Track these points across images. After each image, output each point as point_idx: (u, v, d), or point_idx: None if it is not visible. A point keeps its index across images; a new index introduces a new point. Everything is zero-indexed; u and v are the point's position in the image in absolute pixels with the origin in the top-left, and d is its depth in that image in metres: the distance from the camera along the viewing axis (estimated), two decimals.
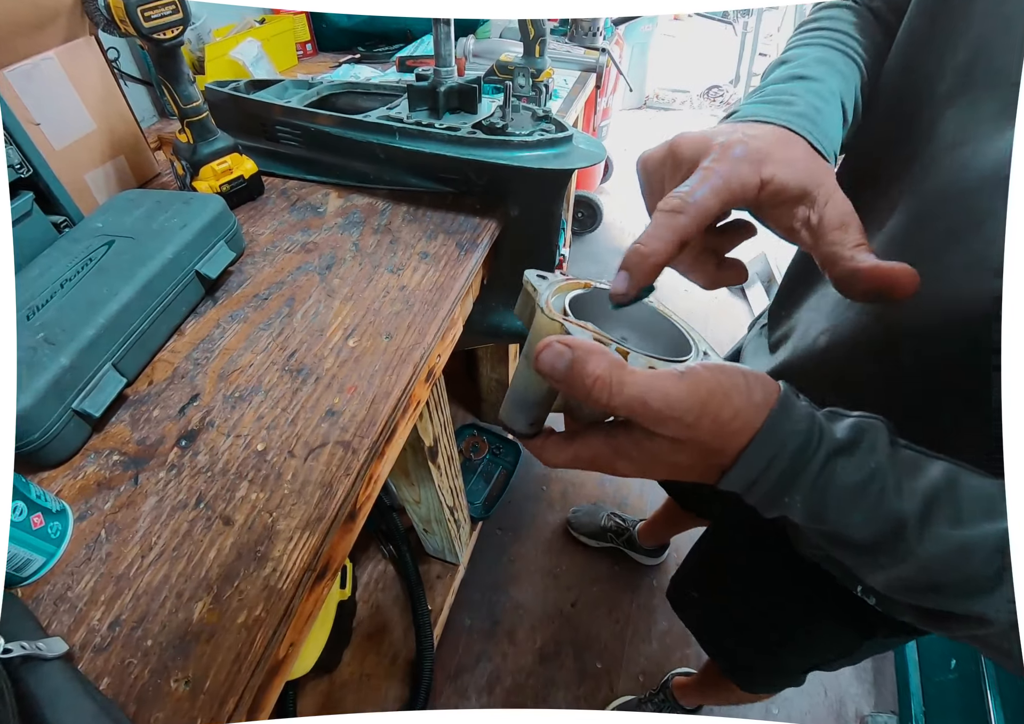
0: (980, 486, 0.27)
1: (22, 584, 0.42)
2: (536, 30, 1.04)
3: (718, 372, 0.28)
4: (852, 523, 0.28)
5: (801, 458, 0.27)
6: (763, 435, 0.27)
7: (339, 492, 0.45)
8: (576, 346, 0.27)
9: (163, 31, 0.62)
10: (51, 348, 0.48)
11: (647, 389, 0.26)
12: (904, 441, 0.29)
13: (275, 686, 0.44)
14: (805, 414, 0.28)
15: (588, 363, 0.26)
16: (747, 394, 0.28)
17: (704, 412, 0.27)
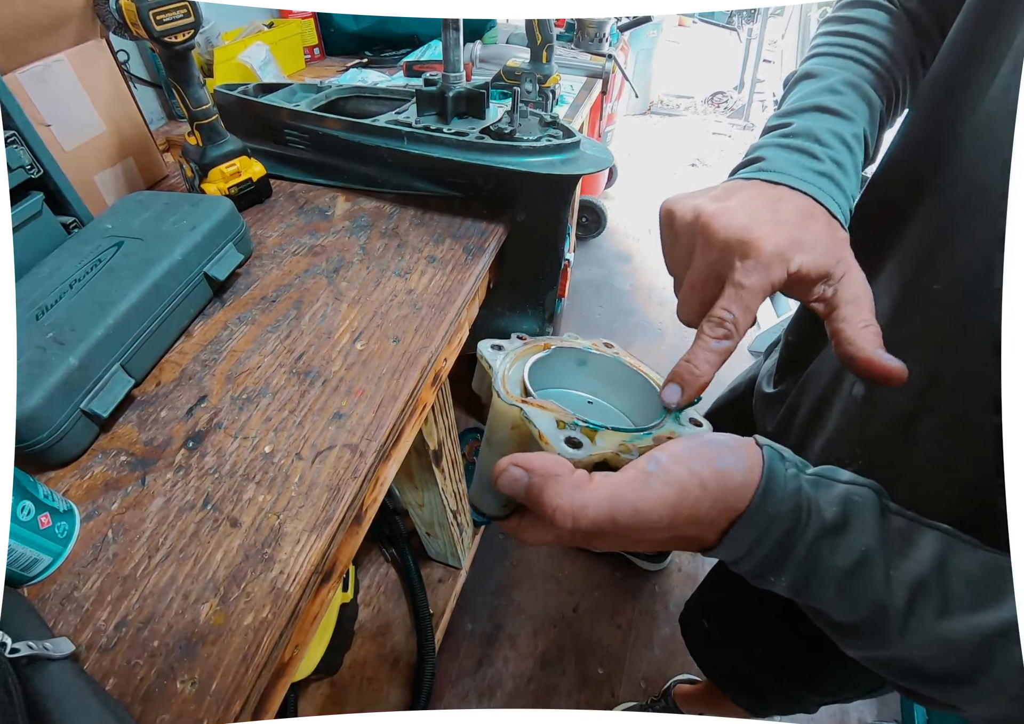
0: (970, 568, 0.26)
1: (29, 583, 0.42)
2: (543, 36, 1.04)
3: (689, 459, 0.27)
4: (835, 605, 0.27)
5: (787, 542, 0.26)
6: (744, 522, 0.26)
7: (346, 495, 0.45)
8: (532, 470, 0.26)
9: (175, 34, 0.63)
10: (60, 348, 0.48)
11: (613, 507, 0.25)
12: (895, 507, 0.28)
13: (280, 688, 0.44)
14: (791, 491, 0.27)
15: (545, 491, 0.26)
16: (725, 478, 0.27)
17: (678, 513, 0.26)
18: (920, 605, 0.26)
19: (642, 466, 0.27)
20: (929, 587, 0.26)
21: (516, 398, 0.30)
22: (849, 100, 0.41)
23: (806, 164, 0.37)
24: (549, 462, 0.27)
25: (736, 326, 0.31)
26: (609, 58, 1.40)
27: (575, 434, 0.29)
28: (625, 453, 0.29)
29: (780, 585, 0.28)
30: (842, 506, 0.27)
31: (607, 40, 1.49)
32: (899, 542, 0.27)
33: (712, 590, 0.84)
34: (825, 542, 0.26)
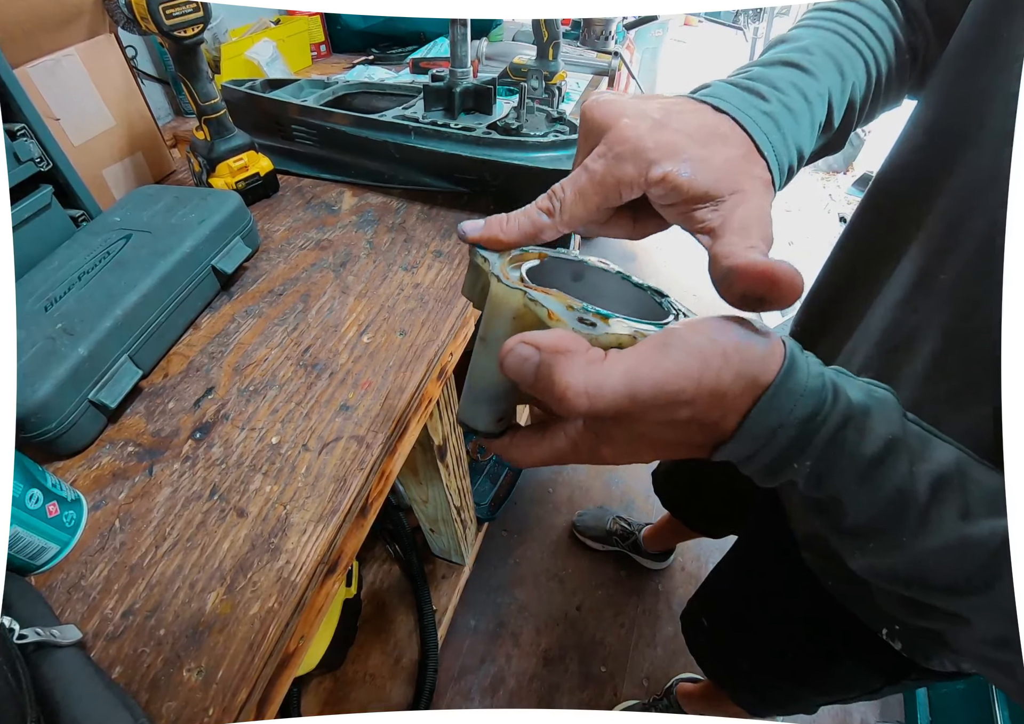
0: (988, 479, 0.25)
1: (37, 572, 0.42)
2: (549, 33, 1.04)
3: (709, 330, 0.24)
4: (855, 498, 0.25)
5: (813, 421, 0.24)
6: (767, 400, 0.24)
7: (353, 486, 0.46)
8: (543, 346, 0.23)
9: (184, 29, 0.63)
10: (69, 338, 0.48)
11: (632, 382, 0.23)
12: (912, 416, 0.26)
13: (285, 679, 0.44)
14: (815, 372, 0.24)
15: (556, 368, 0.23)
16: (747, 348, 0.24)
17: (701, 385, 0.23)
18: (942, 500, 0.24)
19: (659, 339, 0.24)
20: (951, 484, 0.24)
21: (518, 283, 0.27)
22: (819, 61, 0.37)
23: (751, 101, 0.33)
24: (561, 338, 0.23)
25: (561, 206, 0.29)
26: (615, 56, 1.40)
27: (587, 316, 0.26)
28: (640, 338, 0.25)
29: (801, 472, 0.25)
30: (866, 395, 0.25)
31: (613, 38, 1.49)
32: (919, 440, 0.25)
33: (714, 589, 0.84)
34: (852, 425, 0.24)
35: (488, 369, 0.28)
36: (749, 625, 0.73)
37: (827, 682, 0.65)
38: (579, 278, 0.34)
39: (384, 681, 1.15)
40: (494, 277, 0.27)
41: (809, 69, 0.36)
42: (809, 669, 0.65)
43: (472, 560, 1.35)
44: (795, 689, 0.70)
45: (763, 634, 0.69)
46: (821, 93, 0.36)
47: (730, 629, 0.78)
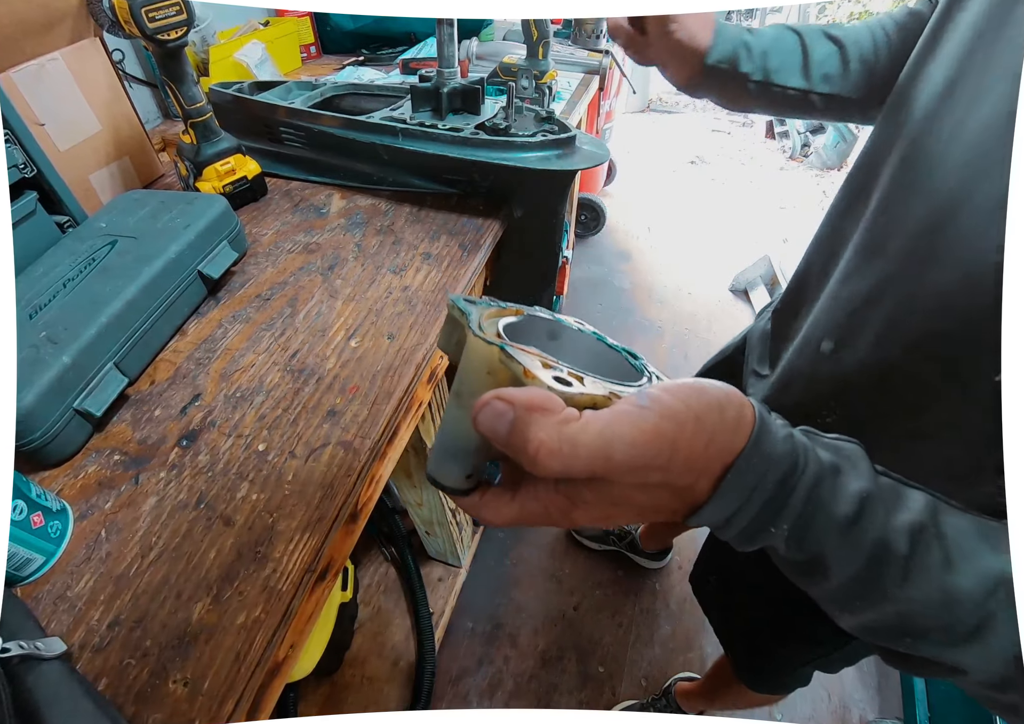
0: (962, 524, 0.26)
1: (22, 583, 0.41)
2: (539, 32, 1.04)
3: (684, 394, 0.24)
4: (836, 556, 0.25)
5: (787, 484, 0.24)
6: (742, 463, 0.24)
7: (340, 493, 0.45)
8: (518, 402, 0.23)
9: (167, 32, 0.63)
10: (54, 347, 0.48)
11: (607, 442, 0.22)
12: (881, 468, 0.27)
13: (275, 687, 0.44)
14: (784, 435, 0.25)
15: (531, 426, 0.22)
16: (719, 413, 0.24)
17: (676, 448, 0.23)
18: (921, 550, 0.25)
19: (633, 401, 0.24)
20: (927, 533, 0.25)
21: (495, 338, 0.26)
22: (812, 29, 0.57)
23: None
24: (537, 396, 0.23)
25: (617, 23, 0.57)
26: (606, 54, 1.40)
27: (563, 375, 0.25)
28: (616, 400, 0.25)
29: (779, 536, 0.25)
30: (835, 452, 0.26)
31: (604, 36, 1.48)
32: (891, 493, 0.26)
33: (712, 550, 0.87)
34: (825, 484, 0.25)
35: (460, 423, 0.27)
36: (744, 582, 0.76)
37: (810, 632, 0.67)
38: (555, 337, 0.34)
39: (381, 684, 1.15)
40: (471, 331, 0.27)
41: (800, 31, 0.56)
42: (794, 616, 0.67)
43: (469, 561, 1.35)
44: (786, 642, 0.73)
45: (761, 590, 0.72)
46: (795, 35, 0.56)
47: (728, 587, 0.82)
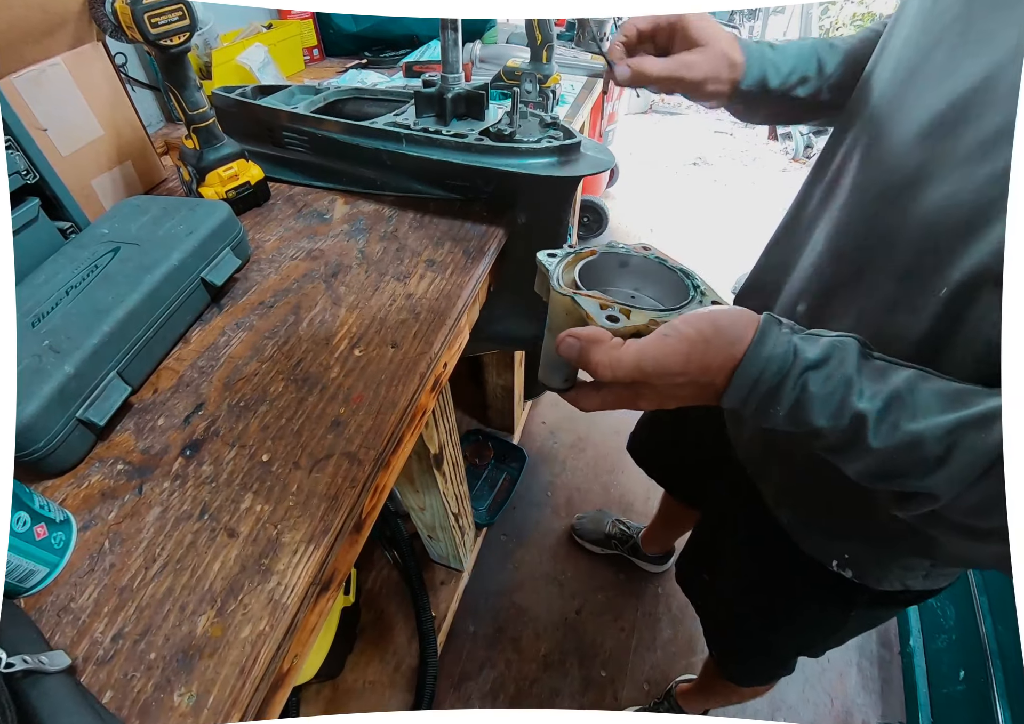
0: (940, 387, 0.33)
1: (25, 595, 0.41)
2: (543, 35, 1.04)
3: (697, 323, 0.34)
4: (823, 426, 0.33)
5: (780, 376, 0.33)
6: (743, 364, 0.33)
7: (344, 504, 0.45)
8: (583, 338, 0.35)
9: (170, 37, 0.62)
10: (56, 356, 0.48)
11: (640, 359, 0.34)
12: (878, 354, 0.35)
13: (279, 698, 0.44)
14: (783, 340, 0.34)
15: (590, 352, 0.35)
16: (724, 333, 0.34)
17: (689, 361, 0.34)
18: (892, 412, 0.32)
19: (661, 331, 0.35)
20: (902, 399, 0.32)
21: (568, 289, 0.38)
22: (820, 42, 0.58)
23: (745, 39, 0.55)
24: (593, 331, 0.35)
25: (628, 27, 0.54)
26: None
27: (614, 312, 0.37)
28: (653, 326, 0.36)
29: (780, 415, 0.34)
30: (825, 349, 0.34)
31: (608, 39, 1.48)
32: (876, 373, 0.34)
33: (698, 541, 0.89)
34: (810, 374, 0.33)
35: (553, 348, 0.38)
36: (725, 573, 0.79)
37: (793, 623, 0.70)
38: (625, 264, 0.44)
39: (383, 688, 1.15)
40: (552, 287, 0.39)
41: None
42: (777, 610, 0.70)
43: (471, 565, 1.35)
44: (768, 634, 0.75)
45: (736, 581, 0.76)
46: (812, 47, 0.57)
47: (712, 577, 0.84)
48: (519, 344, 0.93)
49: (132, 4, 0.59)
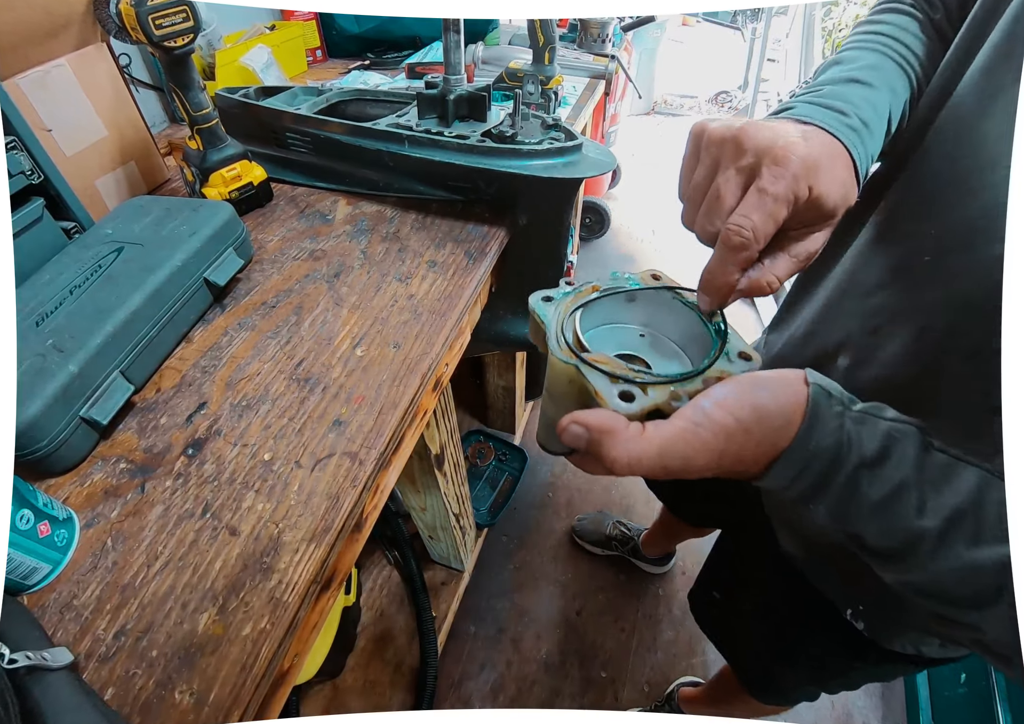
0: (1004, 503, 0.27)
1: (28, 592, 0.42)
2: (545, 37, 1.04)
3: (735, 409, 0.28)
4: (871, 532, 0.28)
5: (827, 475, 0.28)
6: (785, 459, 0.28)
7: (345, 503, 0.45)
8: (590, 427, 0.28)
9: (174, 39, 0.63)
10: (60, 355, 0.48)
11: (664, 458, 0.27)
12: (939, 444, 0.29)
13: (280, 697, 0.44)
14: (833, 428, 0.28)
15: (603, 445, 0.28)
16: (767, 422, 0.28)
17: (724, 456, 0.28)
18: (953, 534, 0.27)
19: (688, 415, 0.28)
20: (965, 517, 0.27)
21: (571, 353, 0.32)
22: (877, 78, 0.42)
23: (835, 116, 0.37)
24: (605, 419, 0.28)
25: (755, 233, 0.31)
26: (612, 59, 1.39)
27: (629, 389, 0.30)
28: (676, 400, 0.30)
29: (819, 513, 0.29)
30: (883, 441, 0.28)
31: (610, 41, 1.48)
32: (939, 475, 0.28)
33: (713, 569, 0.87)
34: (863, 474, 0.27)
35: (556, 413, 0.33)
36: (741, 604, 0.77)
37: (805, 661, 0.68)
38: (633, 300, 0.38)
39: (384, 688, 1.15)
40: (551, 349, 0.32)
41: (871, 83, 0.41)
42: (790, 646, 0.68)
43: (472, 566, 1.35)
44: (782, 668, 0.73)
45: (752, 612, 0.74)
46: (884, 102, 0.41)
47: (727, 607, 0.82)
48: (520, 345, 0.93)
49: (136, 5, 0.59)
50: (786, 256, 0.34)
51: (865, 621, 0.54)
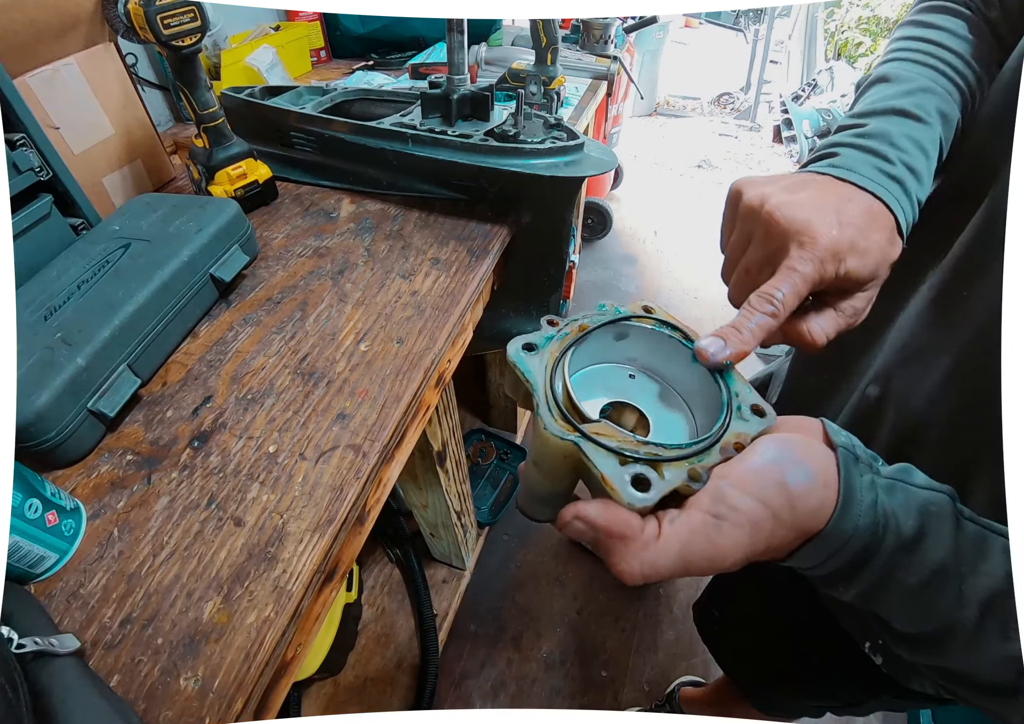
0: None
1: (35, 580, 0.42)
2: (548, 38, 1.04)
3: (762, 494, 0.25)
4: (902, 618, 0.27)
5: (862, 558, 0.25)
6: (819, 542, 0.25)
7: (349, 495, 0.46)
8: (598, 528, 0.25)
9: (182, 38, 0.63)
10: (68, 348, 0.49)
11: (685, 561, 0.24)
12: (968, 512, 0.27)
13: (282, 687, 0.44)
14: (868, 506, 0.25)
15: (613, 553, 0.25)
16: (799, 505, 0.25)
17: (753, 548, 0.25)
18: (989, 621, 0.25)
19: (708, 507, 0.25)
20: (1000, 603, 0.25)
21: (567, 425, 0.27)
22: (926, 105, 0.40)
23: (878, 165, 0.36)
24: (617, 521, 0.25)
25: (783, 304, 0.31)
26: (614, 60, 1.40)
27: (642, 472, 0.25)
28: (695, 482, 0.26)
29: (848, 595, 0.27)
30: (919, 518, 0.26)
31: (612, 42, 1.49)
32: (973, 553, 0.26)
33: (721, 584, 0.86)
34: (901, 558, 0.25)
35: (542, 484, 0.30)
36: (752, 623, 0.75)
37: (817, 686, 0.66)
38: (623, 337, 0.34)
39: (384, 686, 1.15)
40: (542, 420, 0.27)
41: (920, 117, 0.39)
42: (801, 671, 0.66)
43: (473, 564, 1.36)
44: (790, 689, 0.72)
45: (763, 634, 0.71)
46: (934, 140, 0.39)
47: (736, 625, 0.80)
48: None
49: (145, 5, 0.60)
50: (832, 311, 0.34)
51: (884, 656, 0.50)
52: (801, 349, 0.34)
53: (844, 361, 0.51)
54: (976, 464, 0.37)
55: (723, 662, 0.88)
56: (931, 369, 0.40)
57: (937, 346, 0.40)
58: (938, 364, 0.39)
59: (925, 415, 0.40)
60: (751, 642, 0.76)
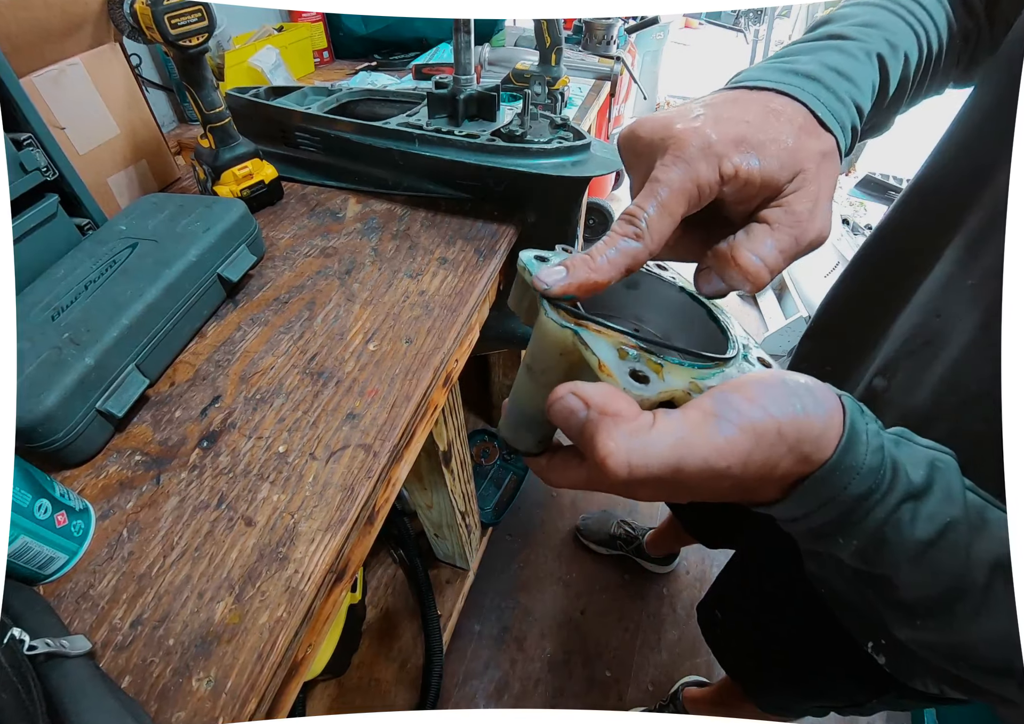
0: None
1: (45, 581, 0.42)
2: (552, 38, 1.04)
3: (766, 401, 0.22)
4: (906, 579, 0.24)
5: (866, 502, 0.23)
6: (822, 476, 0.23)
7: (360, 494, 0.46)
8: (592, 403, 0.22)
9: (189, 38, 0.63)
10: (76, 348, 0.48)
11: (679, 457, 0.21)
12: (969, 482, 0.25)
13: (293, 687, 0.44)
14: (875, 447, 0.23)
15: (600, 431, 0.21)
16: (804, 427, 0.23)
17: (752, 460, 0.22)
18: (998, 585, 0.23)
19: (709, 407, 0.22)
20: (1006, 572, 0.23)
21: (569, 318, 0.25)
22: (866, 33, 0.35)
23: (786, 68, 0.32)
24: (612, 397, 0.22)
25: (649, 225, 0.26)
26: (617, 60, 1.40)
27: (640, 366, 0.24)
28: (695, 392, 0.24)
29: (846, 548, 0.24)
30: (928, 471, 0.24)
31: (615, 42, 1.49)
32: (977, 518, 0.24)
33: (725, 585, 0.85)
34: (907, 506, 0.23)
35: (532, 396, 0.27)
36: (754, 624, 0.74)
37: (819, 687, 0.66)
38: (634, 286, 0.32)
39: (388, 686, 1.15)
40: (543, 309, 0.25)
41: (849, 35, 0.35)
42: (804, 672, 0.66)
43: (476, 565, 1.35)
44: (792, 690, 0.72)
45: (765, 635, 0.71)
46: (868, 52, 0.35)
47: (738, 626, 0.80)
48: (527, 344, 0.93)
49: (153, 5, 0.60)
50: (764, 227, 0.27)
51: (887, 656, 0.49)
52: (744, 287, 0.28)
53: (848, 354, 0.50)
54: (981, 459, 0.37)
55: (726, 663, 0.87)
56: (938, 360, 0.38)
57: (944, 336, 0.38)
58: (945, 355, 0.38)
59: (932, 407, 0.39)
60: (754, 643, 0.76)
